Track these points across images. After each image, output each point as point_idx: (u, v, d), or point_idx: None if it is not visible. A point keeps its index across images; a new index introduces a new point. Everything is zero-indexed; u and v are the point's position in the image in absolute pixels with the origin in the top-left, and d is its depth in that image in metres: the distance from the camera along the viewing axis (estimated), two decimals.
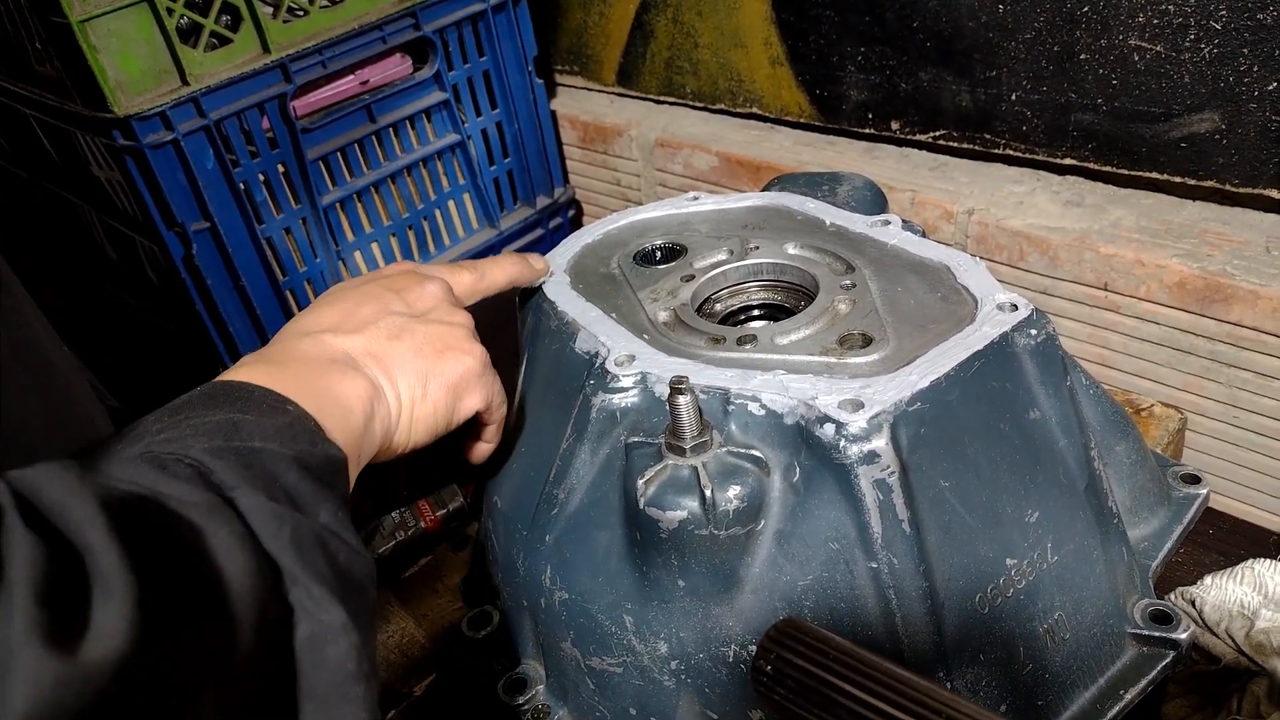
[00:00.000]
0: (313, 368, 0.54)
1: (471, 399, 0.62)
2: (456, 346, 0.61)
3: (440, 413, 0.60)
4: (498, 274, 0.72)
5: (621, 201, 1.68)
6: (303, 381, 0.51)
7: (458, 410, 0.61)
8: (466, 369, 0.61)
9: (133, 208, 1.26)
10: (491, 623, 0.73)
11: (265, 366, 0.52)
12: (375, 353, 0.57)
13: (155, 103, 1.12)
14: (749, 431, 0.60)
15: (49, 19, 1.09)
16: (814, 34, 1.32)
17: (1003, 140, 1.21)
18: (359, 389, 0.54)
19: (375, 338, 0.58)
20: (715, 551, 0.58)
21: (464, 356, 0.61)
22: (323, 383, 0.52)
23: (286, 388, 0.49)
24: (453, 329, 0.62)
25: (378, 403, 0.55)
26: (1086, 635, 0.63)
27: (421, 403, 0.58)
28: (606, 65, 1.62)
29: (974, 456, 0.59)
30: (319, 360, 0.55)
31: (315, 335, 0.57)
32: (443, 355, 0.60)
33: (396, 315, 0.60)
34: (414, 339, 0.59)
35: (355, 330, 0.58)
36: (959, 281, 0.68)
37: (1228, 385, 1.06)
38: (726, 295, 0.77)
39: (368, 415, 0.54)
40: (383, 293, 0.62)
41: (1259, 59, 0.97)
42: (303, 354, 0.55)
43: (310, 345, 0.56)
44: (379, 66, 1.36)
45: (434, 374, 0.59)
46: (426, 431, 0.60)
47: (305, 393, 0.50)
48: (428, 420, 0.59)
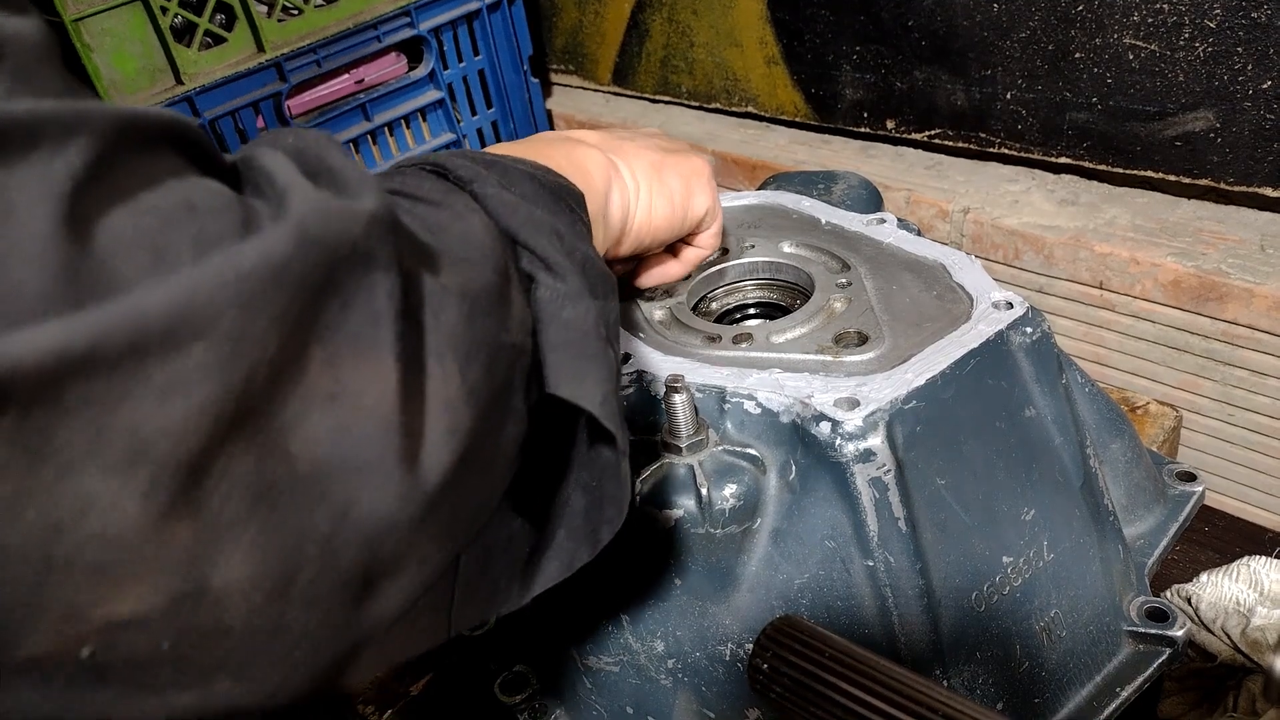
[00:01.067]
0: (548, 142, 0.55)
1: (702, 196, 0.63)
2: (684, 150, 0.63)
3: (678, 202, 0.61)
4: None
5: None
6: (538, 151, 0.51)
7: (692, 204, 0.62)
8: (695, 167, 0.63)
9: None
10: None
11: (496, 146, 0.53)
12: (609, 143, 0.59)
13: (149, 102, 1.12)
14: (745, 430, 0.60)
15: (43, 17, 1.08)
16: (809, 33, 1.32)
17: (998, 139, 1.21)
18: (597, 159, 0.55)
19: (605, 138, 0.60)
20: (712, 550, 0.58)
21: (693, 158, 0.63)
22: (560, 150, 0.53)
23: (523, 154, 0.49)
24: (677, 142, 0.65)
25: (615, 176, 0.56)
26: (1083, 633, 0.63)
27: (660, 187, 0.59)
28: (602, 64, 1.62)
29: (970, 454, 0.59)
30: (554, 139, 0.56)
31: (552, 133, 0.60)
32: (673, 154, 0.62)
33: (617, 132, 0.63)
34: (645, 142, 0.61)
35: (586, 132, 0.60)
36: (954, 280, 0.68)
37: (1223, 383, 1.06)
38: (722, 294, 0.77)
39: (607, 183, 0.55)
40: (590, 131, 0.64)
41: (1253, 57, 0.97)
42: (536, 137, 0.57)
43: (544, 133, 0.59)
44: (374, 65, 1.36)
45: (668, 166, 0.60)
46: (664, 219, 0.60)
47: (543, 158, 0.49)
48: (665, 208, 0.60)
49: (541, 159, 0.49)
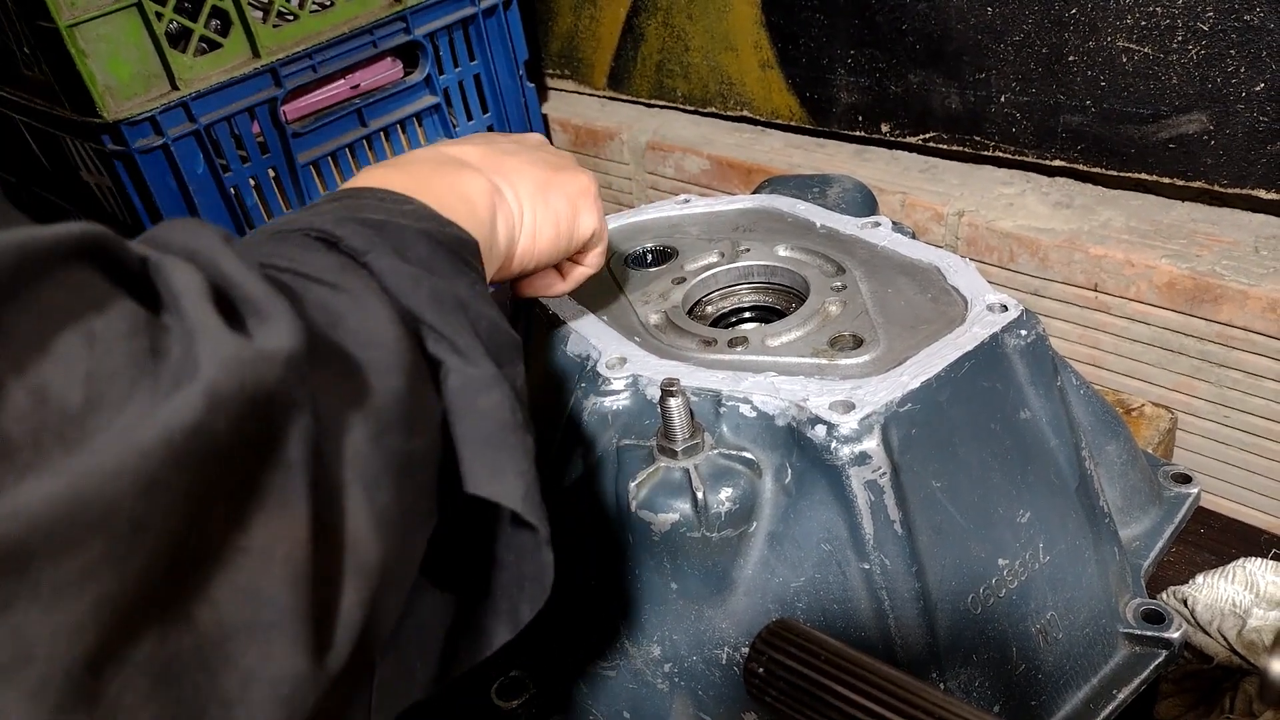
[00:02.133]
0: (429, 167, 0.53)
1: (588, 216, 0.61)
2: (569, 167, 0.62)
3: (562, 224, 0.59)
4: None
5: (613, 205, 1.68)
6: (420, 179, 0.50)
7: (578, 226, 0.61)
8: (582, 185, 0.61)
9: (122, 213, 1.25)
10: None
11: (381, 170, 0.51)
12: (492, 161, 0.57)
13: (145, 107, 1.12)
14: (741, 433, 0.60)
15: (37, 23, 1.08)
16: (804, 37, 1.32)
17: (992, 142, 1.21)
18: (480, 185, 0.54)
19: (490, 151, 0.58)
20: (707, 554, 0.58)
21: (579, 174, 0.62)
22: (441, 178, 0.52)
23: (405, 186, 0.48)
24: (561, 157, 0.63)
25: (499, 201, 0.55)
26: (1079, 635, 0.63)
27: (544, 209, 0.58)
28: (597, 69, 1.62)
29: (965, 457, 0.59)
30: (435, 161, 0.54)
31: (435, 148, 0.57)
32: (559, 172, 0.60)
33: (506, 143, 0.61)
34: (531, 157, 0.60)
35: (470, 145, 0.58)
36: (949, 282, 0.68)
37: (1218, 385, 1.06)
38: (718, 297, 0.77)
39: (491, 211, 0.53)
40: (484, 135, 0.65)
41: (1246, 60, 0.98)
42: (420, 157, 0.55)
43: (425, 151, 0.56)
44: (370, 70, 1.36)
45: (553, 186, 0.59)
46: (550, 243, 0.59)
47: (424, 189, 0.48)
48: (550, 230, 0.58)
49: (426, 191, 0.48)
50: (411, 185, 0.48)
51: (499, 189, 0.55)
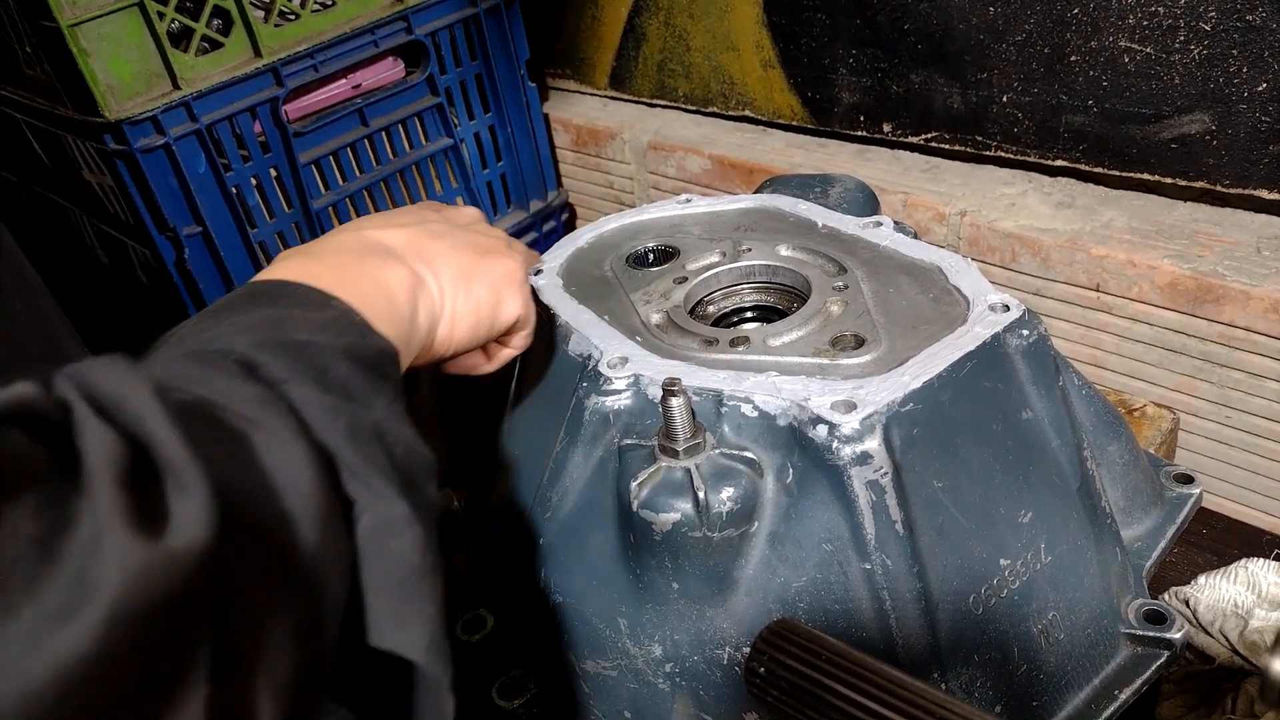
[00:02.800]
0: (352, 256, 0.53)
1: (512, 303, 0.61)
2: (498, 251, 0.61)
3: (484, 312, 0.59)
4: None
5: (615, 205, 1.68)
6: (342, 271, 0.50)
7: (500, 313, 0.60)
8: (508, 272, 0.60)
9: (124, 212, 1.25)
10: (485, 626, 0.73)
11: (302, 259, 0.51)
12: (417, 247, 0.56)
13: (146, 107, 1.12)
14: (742, 433, 0.60)
15: (39, 23, 1.08)
16: (805, 37, 1.32)
17: (994, 142, 1.21)
18: (401, 276, 0.53)
19: (416, 234, 0.57)
20: (709, 554, 0.58)
21: (505, 260, 0.61)
22: (363, 269, 0.51)
23: (327, 280, 0.48)
24: (492, 239, 0.62)
25: (421, 292, 0.54)
26: (1081, 635, 0.63)
27: (466, 297, 0.57)
28: (599, 68, 1.62)
29: (967, 457, 0.59)
30: (358, 249, 0.54)
31: (355, 231, 0.56)
32: (485, 256, 0.59)
33: (437, 223, 0.60)
34: (455, 240, 0.59)
35: (396, 227, 0.57)
36: (951, 282, 0.68)
37: (1220, 385, 1.06)
38: (719, 297, 0.77)
39: (412, 304, 0.53)
40: (418, 209, 0.62)
41: (1248, 60, 0.97)
42: (341, 244, 0.54)
43: (350, 238, 0.55)
44: (371, 70, 1.36)
45: (477, 272, 0.58)
46: (469, 331, 0.58)
47: (345, 282, 0.48)
48: (470, 318, 0.58)
49: (348, 285, 0.48)
50: (333, 279, 0.48)
51: (421, 278, 0.55)
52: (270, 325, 0.42)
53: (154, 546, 0.28)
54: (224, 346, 0.40)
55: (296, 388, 0.40)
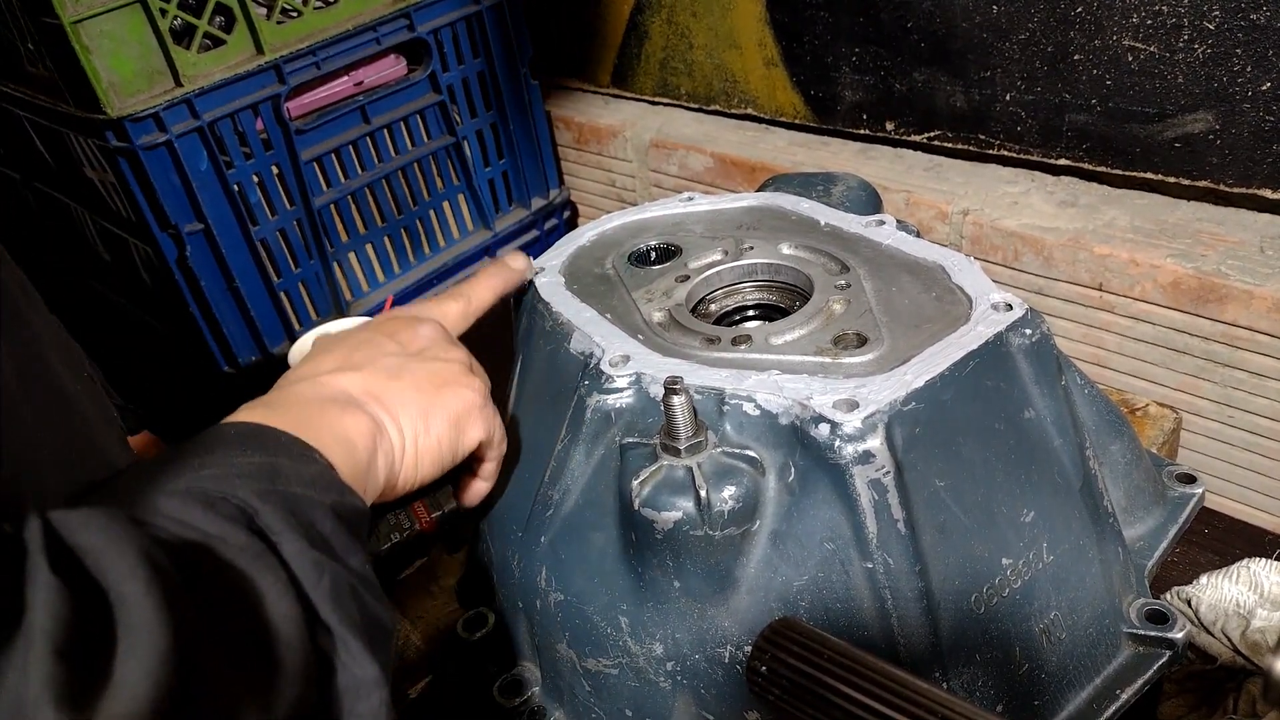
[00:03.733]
0: (312, 409, 0.53)
1: (474, 431, 0.61)
2: (455, 381, 0.61)
3: (445, 447, 0.59)
4: (483, 292, 0.72)
5: (617, 203, 1.68)
6: (303, 423, 0.50)
7: (461, 443, 0.61)
8: (467, 402, 0.60)
9: (126, 209, 1.25)
10: (487, 624, 0.73)
11: (265, 411, 0.51)
12: (374, 391, 0.57)
13: (148, 104, 1.12)
14: (744, 432, 0.60)
15: (41, 20, 1.08)
16: (808, 35, 1.32)
17: (997, 141, 1.21)
18: (360, 426, 0.54)
19: (373, 377, 0.58)
20: (710, 552, 0.58)
21: (464, 390, 0.61)
22: (323, 420, 0.52)
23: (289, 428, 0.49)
24: (450, 365, 0.61)
25: (380, 440, 0.55)
26: (1082, 635, 0.63)
27: (425, 437, 0.58)
28: (601, 66, 1.62)
29: (969, 456, 0.59)
30: (317, 400, 0.54)
31: (312, 379, 0.57)
32: (442, 390, 0.59)
33: (393, 356, 0.60)
34: (413, 376, 0.59)
35: (353, 370, 0.58)
36: (953, 281, 0.68)
37: (1222, 385, 1.06)
38: (721, 295, 0.77)
39: (370, 453, 0.53)
40: (375, 337, 0.62)
41: (1252, 59, 0.97)
42: (301, 396, 0.55)
43: (308, 388, 0.56)
44: (373, 67, 1.36)
45: (435, 408, 0.58)
46: (432, 466, 0.59)
47: (309, 437, 0.50)
48: (432, 455, 0.58)
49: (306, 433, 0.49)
50: (300, 426, 0.49)
51: (380, 425, 0.55)
52: (268, 474, 0.44)
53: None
54: (227, 490, 0.42)
55: (289, 542, 0.42)
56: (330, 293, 1.38)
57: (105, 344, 1.65)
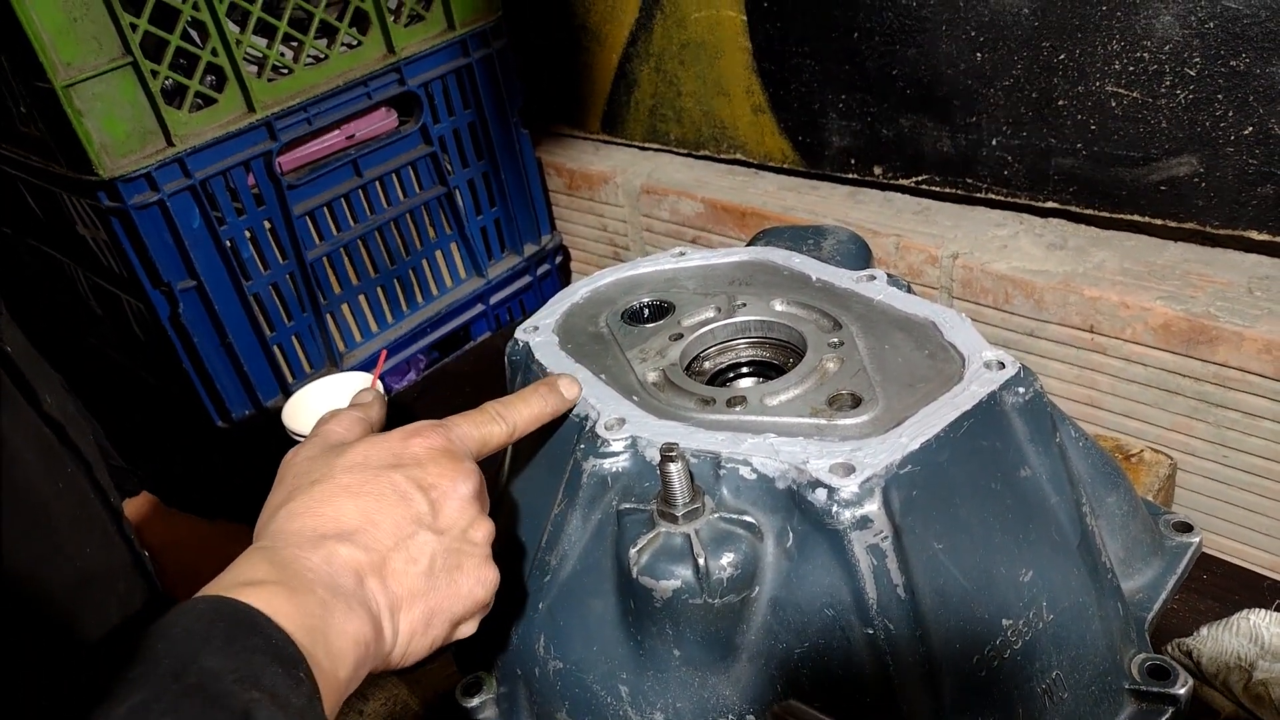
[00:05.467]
0: (319, 600, 0.49)
1: (468, 627, 0.58)
2: (473, 574, 0.57)
3: (437, 642, 0.56)
4: (528, 420, 0.66)
5: (609, 247, 1.69)
6: (307, 620, 0.47)
7: (454, 637, 0.58)
8: (475, 602, 0.57)
9: (118, 266, 1.26)
10: (485, 690, 0.72)
11: (275, 588, 0.48)
12: (386, 580, 0.53)
13: (140, 164, 1.13)
14: (741, 496, 0.60)
15: (33, 84, 1.09)
16: (795, 82, 1.33)
17: (985, 184, 1.22)
18: (361, 634, 0.50)
19: (392, 562, 0.53)
20: (710, 620, 0.58)
21: (476, 589, 0.57)
22: (325, 621, 0.48)
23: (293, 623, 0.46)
24: (471, 556, 0.57)
25: (376, 646, 0.52)
26: (1084, 694, 0.62)
27: (421, 637, 0.55)
28: (591, 113, 1.63)
29: (966, 517, 0.59)
30: (327, 587, 0.50)
31: (328, 545, 0.52)
32: (455, 587, 0.56)
33: (414, 526, 0.55)
34: (431, 564, 0.55)
35: (371, 548, 0.53)
36: (945, 339, 0.68)
37: (1216, 425, 1.06)
38: (715, 353, 0.77)
39: (359, 663, 0.50)
40: (409, 490, 0.56)
41: (1234, 104, 0.99)
42: (313, 575, 0.50)
43: (321, 561, 0.51)
44: (364, 121, 1.37)
45: (441, 610, 0.55)
46: (418, 658, 0.56)
47: (304, 633, 0.47)
48: (420, 653, 0.55)
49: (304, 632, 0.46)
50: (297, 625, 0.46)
51: (379, 630, 0.52)
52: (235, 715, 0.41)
53: None
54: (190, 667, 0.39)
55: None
56: (324, 345, 1.38)
57: (101, 399, 1.64)
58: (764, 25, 1.32)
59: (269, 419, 1.31)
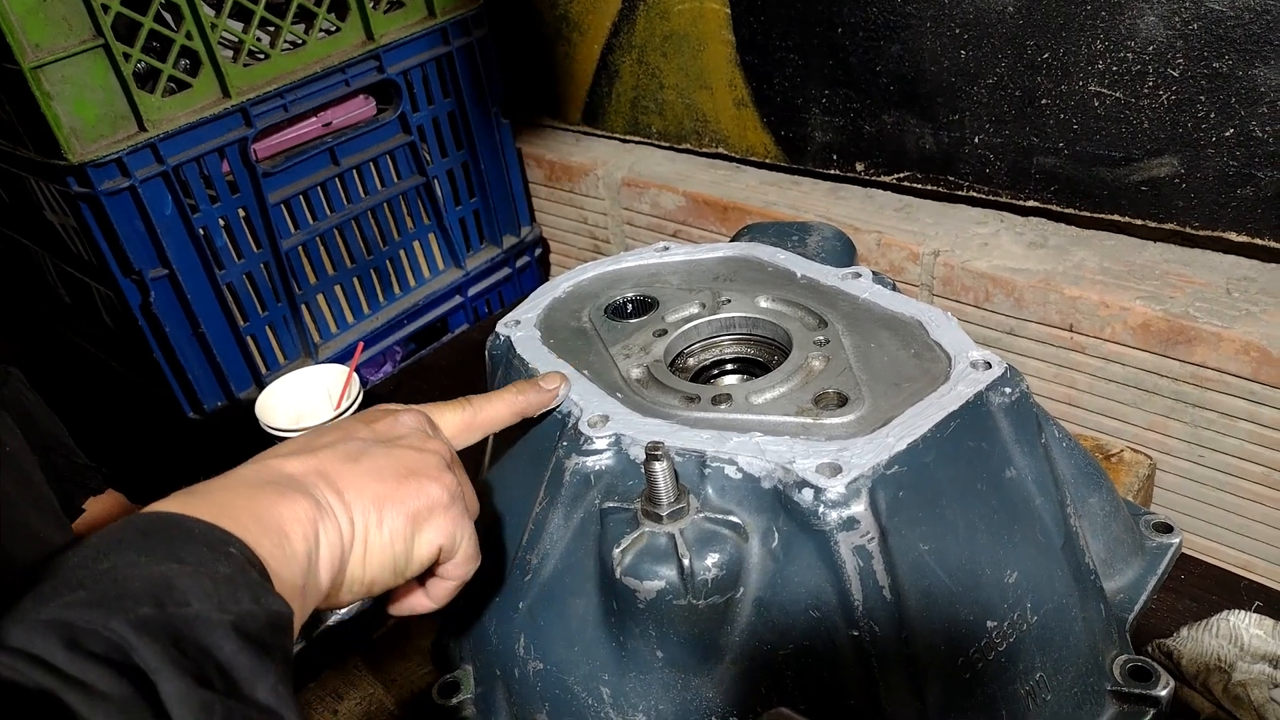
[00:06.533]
0: (242, 492, 0.47)
1: (432, 532, 0.54)
2: (422, 472, 0.54)
3: (399, 545, 0.52)
4: (498, 408, 0.64)
5: (589, 240, 1.68)
6: (227, 509, 0.45)
7: (417, 545, 0.53)
8: (431, 499, 0.54)
9: (88, 253, 1.23)
10: (463, 690, 0.71)
11: (185, 497, 0.45)
12: (325, 472, 0.51)
13: (111, 149, 1.10)
14: (726, 495, 0.59)
15: (1, 65, 1.06)
16: (778, 77, 1.33)
17: (966, 182, 1.22)
18: (298, 510, 0.48)
19: (328, 459, 0.52)
20: (694, 621, 0.57)
21: (429, 484, 0.54)
22: (253, 505, 0.46)
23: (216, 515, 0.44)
24: (422, 455, 0.55)
25: (324, 525, 0.49)
26: (1067, 695, 0.62)
27: (377, 531, 0.51)
28: (572, 104, 1.62)
29: (952, 518, 0.59)
30: (253, 484, 0.48)
31: (262, 461, 0.51)
32: (405, 480, 0.53)
33: (358, 440, 0.54)
34: (373, 461, 0.53)
35: (308, 453, 0.52)
36: (931, 338, 0.68)
37: (1193, 425, 1.07)
38: (699, 349, 0.76)
39: (310, 542, 0.47)
40: (349, 423, 0.56)
41: (1216, 106, 0.99)
42: (238, 479, 0.49)
43: (251, 471, 0.50)
44: (342, 108, 1.35)
45: (392, 499, 0.52)
46: (382, 569, 0.52)
47: (231, 520, 0.44)
48: (384, 553, 0.52)
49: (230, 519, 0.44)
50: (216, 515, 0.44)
51: (325, 509, 0.49)
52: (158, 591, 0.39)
53: None
54: (99, 620, 0.37)
55: (169, 680, 0.36)
56: (299, 336, 1.36)
57: (69, 389, 1.61)
58: (748, 19, 1.31)
59: (242, 410, 1.29)
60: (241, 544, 0.44)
